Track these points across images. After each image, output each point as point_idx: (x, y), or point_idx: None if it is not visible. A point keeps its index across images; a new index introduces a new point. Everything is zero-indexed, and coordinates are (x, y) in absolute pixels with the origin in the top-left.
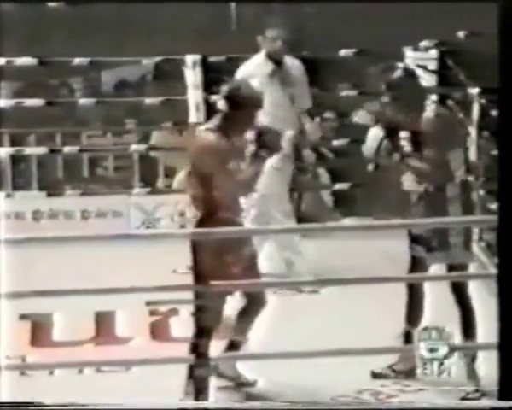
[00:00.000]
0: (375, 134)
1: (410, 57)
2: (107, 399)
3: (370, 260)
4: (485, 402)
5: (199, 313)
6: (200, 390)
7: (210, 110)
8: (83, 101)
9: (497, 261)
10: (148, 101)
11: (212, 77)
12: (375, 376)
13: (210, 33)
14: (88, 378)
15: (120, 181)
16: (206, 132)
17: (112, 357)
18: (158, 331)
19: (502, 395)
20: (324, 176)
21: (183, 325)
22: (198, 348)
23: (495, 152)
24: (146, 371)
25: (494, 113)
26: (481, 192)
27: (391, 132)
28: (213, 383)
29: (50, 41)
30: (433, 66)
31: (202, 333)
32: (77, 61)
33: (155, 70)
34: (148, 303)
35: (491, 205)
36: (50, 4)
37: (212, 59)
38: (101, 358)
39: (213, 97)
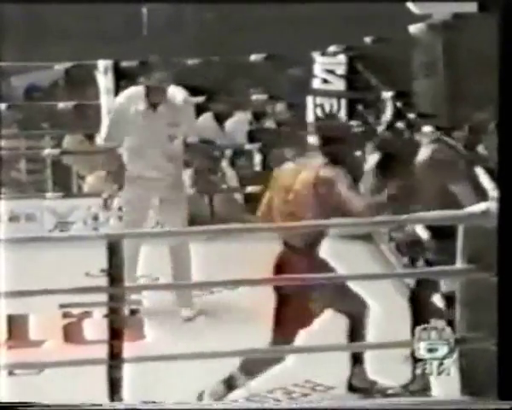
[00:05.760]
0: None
1: (319, 62)
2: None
3: None
4: (485, 402)
5: (112, 315)
6: (114, 391)
7: None
8: None
9: (498, 261)
10: (61, 106)
11: (125, 82)
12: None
13: (121, 38)
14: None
15: (33, 184)
16: None
17: (24, 360)
18: (71, 334)
19: (502, 395)
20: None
21: (96, 328)
22: (112, 350)
23: None
24: (58, 374)
25: (410, 115)
26: None
27: None
28: None
29: None
30: (341, 71)
31: (116, 335)
32: None
33: (67, 75)
34: (62, 306)
35: None
36: None
37: (124, 64)
38: (13, 361)
39: None
